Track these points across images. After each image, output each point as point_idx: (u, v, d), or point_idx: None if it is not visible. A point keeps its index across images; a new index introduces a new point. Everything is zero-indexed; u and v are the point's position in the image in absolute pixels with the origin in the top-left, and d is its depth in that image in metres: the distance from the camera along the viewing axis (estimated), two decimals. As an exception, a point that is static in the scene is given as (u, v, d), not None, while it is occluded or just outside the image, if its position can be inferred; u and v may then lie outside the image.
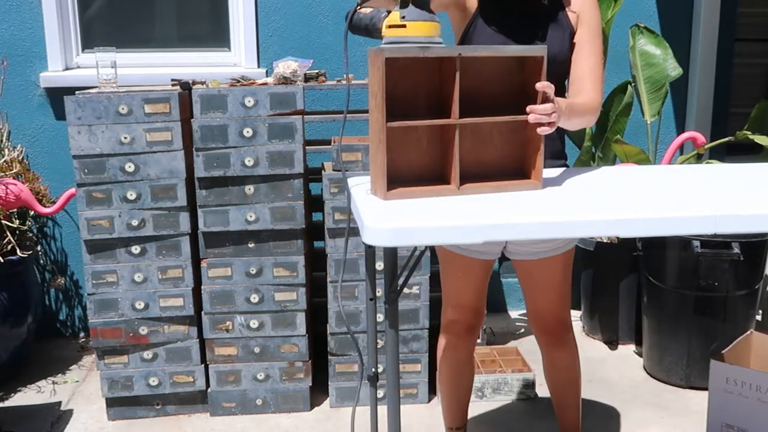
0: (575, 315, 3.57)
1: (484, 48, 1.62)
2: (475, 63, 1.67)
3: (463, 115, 1.62)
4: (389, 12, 1.61)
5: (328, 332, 2.71)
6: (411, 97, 1.67)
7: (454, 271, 2.03)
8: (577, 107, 1.77)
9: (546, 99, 1.61)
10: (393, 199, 1.57)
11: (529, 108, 1.59)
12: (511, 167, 1.73)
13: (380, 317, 2.59)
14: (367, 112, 2.85)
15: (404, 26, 1.52)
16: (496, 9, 1.86)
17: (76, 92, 2.51)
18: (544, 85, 1.59)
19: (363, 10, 1.74)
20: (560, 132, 1.97)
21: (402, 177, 1.65)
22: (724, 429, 2.36)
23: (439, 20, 1.57)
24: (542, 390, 2.87)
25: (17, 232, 2.94)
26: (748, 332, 2.57)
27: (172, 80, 2.73)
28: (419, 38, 1.53)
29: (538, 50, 1.61)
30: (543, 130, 1.59)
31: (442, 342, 2.14)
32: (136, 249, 2.59)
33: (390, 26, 1.56)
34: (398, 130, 1.62)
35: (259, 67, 3.36)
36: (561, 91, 1.85)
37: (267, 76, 3.25)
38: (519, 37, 1.85)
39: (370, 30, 1.71)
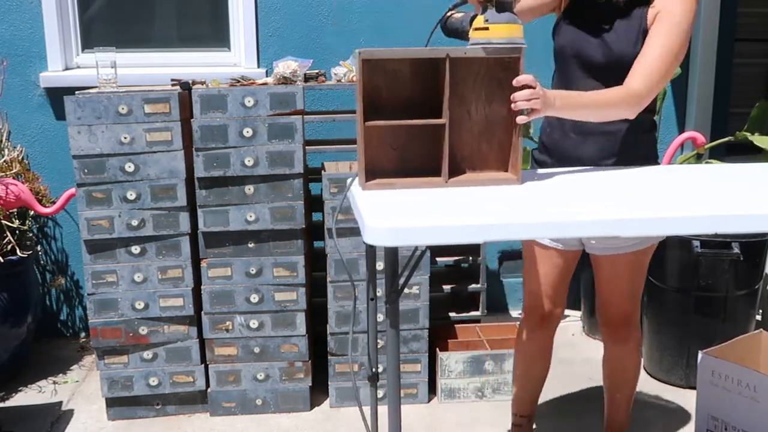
0: (575, 315, 3.57)
1: (470, 49, 1.67)
2: (463, 62, 1.70)
3: (451, 112, 1.66)
4: (476, 15, 1.69)
5: (328, 332, 2.71)
6: (400, 95, 1.71)
7: (534, 260, 2.08)
8: (584, 99, 1.74)
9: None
10: (371, 190, 1.64)
11: (511, 96, 1.64)
12: (491, 162, 1.78)
13: (380, 317, 2.59)
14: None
15: (487, 29, 1.61)
16: (577, 7, 1.91)
17: (76, 92, 2.51)
18: (520, 80, 1.63)
19: (456, 15, 1.83)
20: (642, 132, 1.94)
21: (387, 172, 1.71)
22: (709, 420, 2.37)
23: (521, 22, 1.63)
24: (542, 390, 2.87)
25: (17, 232, 2.94)
26: (758, 331, 2.57)
27: (172, 80, 2.73)
28: (500, 40, 1.61)
29: (517, 50, 1.64)
30: (521, 119, 1.64)
31: (519, 330, 2.21)
32: (136, 249, 2.59)
33: (475, 29, 1.64)
34: (383, 129, 1.67)
35: (259, 67, 3.35)
36: None
37: (267, 76, 3.24)
38: (590, 34, 1.86)
39: (460, 33, 1.80)
